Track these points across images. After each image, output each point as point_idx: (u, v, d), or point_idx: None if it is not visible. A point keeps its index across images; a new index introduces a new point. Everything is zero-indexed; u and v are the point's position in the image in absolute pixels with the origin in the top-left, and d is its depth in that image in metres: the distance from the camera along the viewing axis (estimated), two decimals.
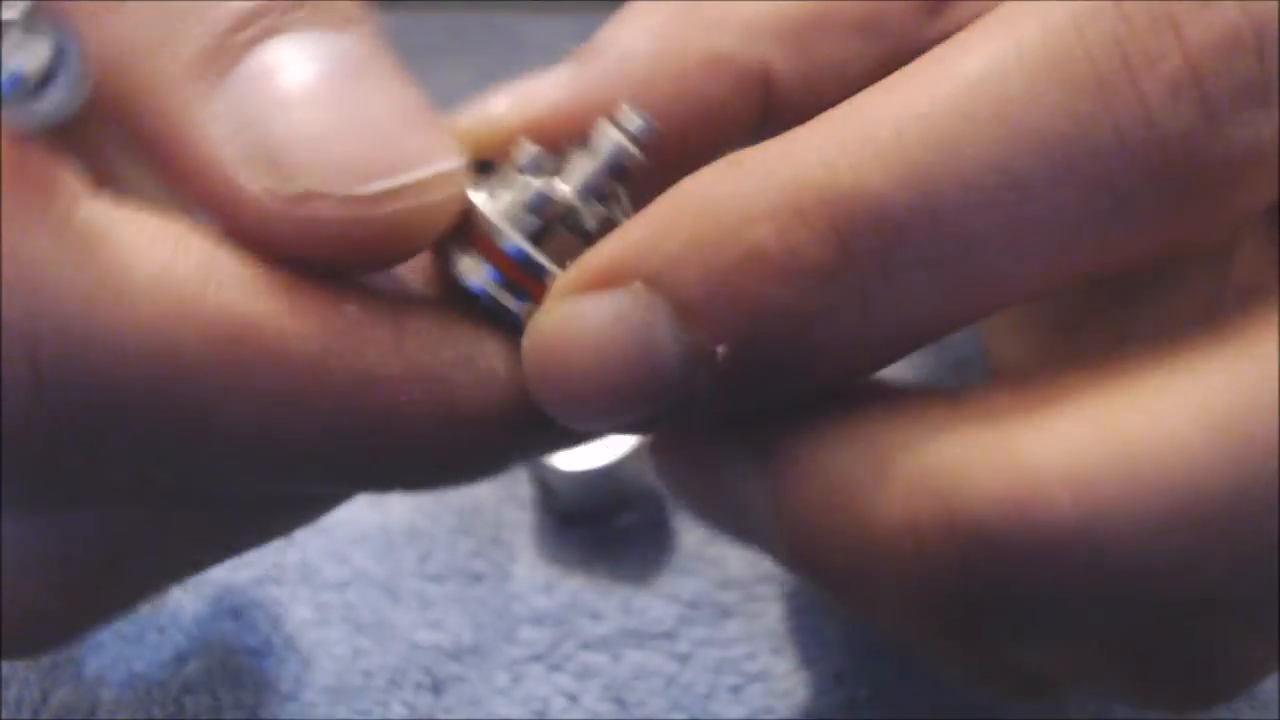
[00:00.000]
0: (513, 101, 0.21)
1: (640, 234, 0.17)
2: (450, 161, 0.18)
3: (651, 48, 0.21)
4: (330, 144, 0.17)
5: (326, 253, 0.17)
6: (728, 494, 0.19)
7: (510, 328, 0.19)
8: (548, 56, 0.22)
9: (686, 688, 0.29)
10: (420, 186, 0.17)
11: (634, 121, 0.20)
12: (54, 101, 0.16)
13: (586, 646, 0.30)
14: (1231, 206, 0.16)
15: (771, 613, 0.30)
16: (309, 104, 0.17)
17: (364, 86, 0.18)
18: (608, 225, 0.19)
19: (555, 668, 0.29)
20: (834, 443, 0.17)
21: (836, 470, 0.17)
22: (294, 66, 0.18)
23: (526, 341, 0.18)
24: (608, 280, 0.17)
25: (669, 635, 0.30)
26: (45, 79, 0.16)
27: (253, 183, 0.17)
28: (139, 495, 0.19)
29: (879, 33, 0.21)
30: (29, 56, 0.16)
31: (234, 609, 0.30)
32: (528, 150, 0.20)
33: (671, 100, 0.21)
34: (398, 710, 0.28)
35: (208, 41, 0.18)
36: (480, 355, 0.18)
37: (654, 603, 0.30)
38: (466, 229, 0.19)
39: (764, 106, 0.22)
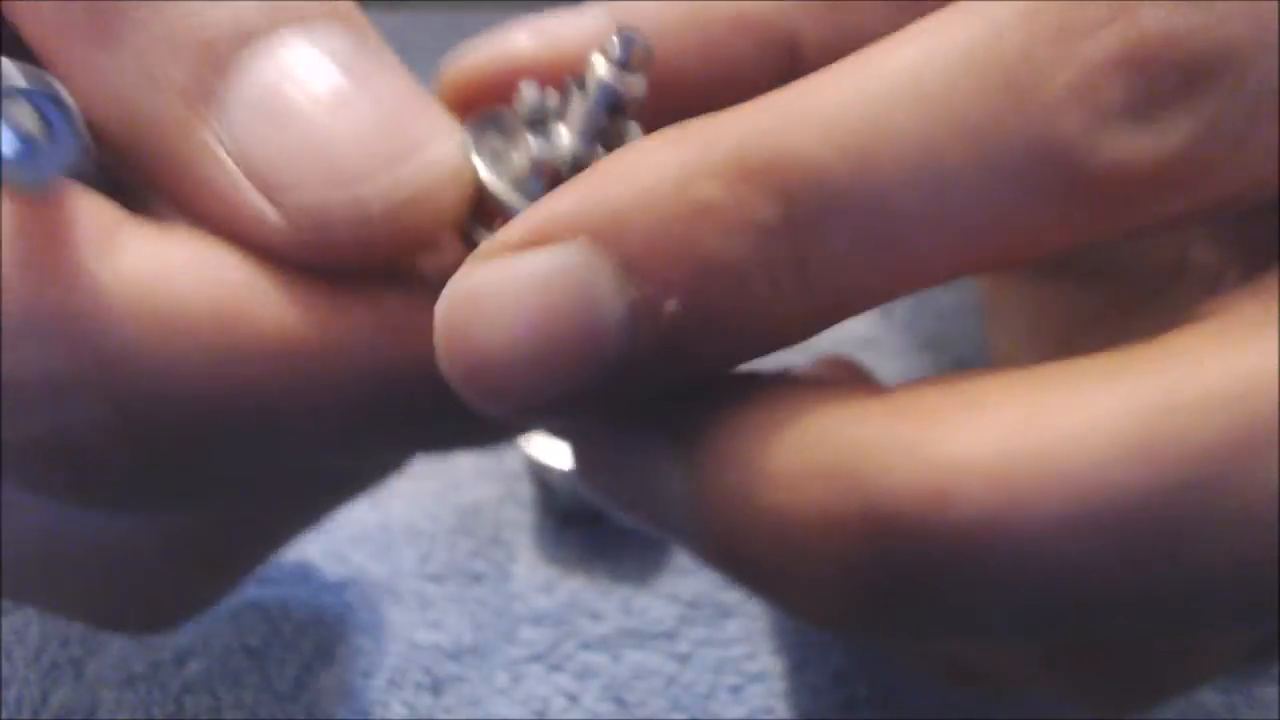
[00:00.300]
0: (534, 38, 0.21)
1: (581, 192, 0.17)
2: (449, 141, 0.18)
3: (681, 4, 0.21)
4: (328, 151, 0.17)
5: (347, 257, 0.18)
6: (641, 480, 0.19)
7: None
8: None
9: (686, 688, 0.29)
10: (422, 172, 0.18)
11: (621, 49, 0.19)
12: (55, 161, 0.17)
13: (586, 646, 0.30)
14: (1127, 214, 0.17)
15: (771, 613, 0.30)
16: (304, 114, 0.18)
17: (356, 82, 0.18)
18: None
19: (555, 668, 0.29)
20: (755, 429, 0.17)
21: (758, 456, 0.17)
22: (286, 76, 0.18)
23: (438, 308, 0.17)
24: (543, 238, 0.17)
25: (669, 635, 0.30)
26: (43, 139, 0.17)
27: (260, 202, 0.17)
28: (228, 493, 0.20)
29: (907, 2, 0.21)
30: (25, 118, 0.16)
31: (234, 609, 0.30)
32: (528, 99, 0.19)
33: (697, 56, 0.21)
34: (398, 710, 0.28)
35: (197, 64, 0.18)
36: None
37: (654, 603, 0.30)
38: (482, 205, 0.19)
39: (789, 70, 0.21)
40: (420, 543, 0.32)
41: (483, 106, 0.20)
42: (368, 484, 0.24)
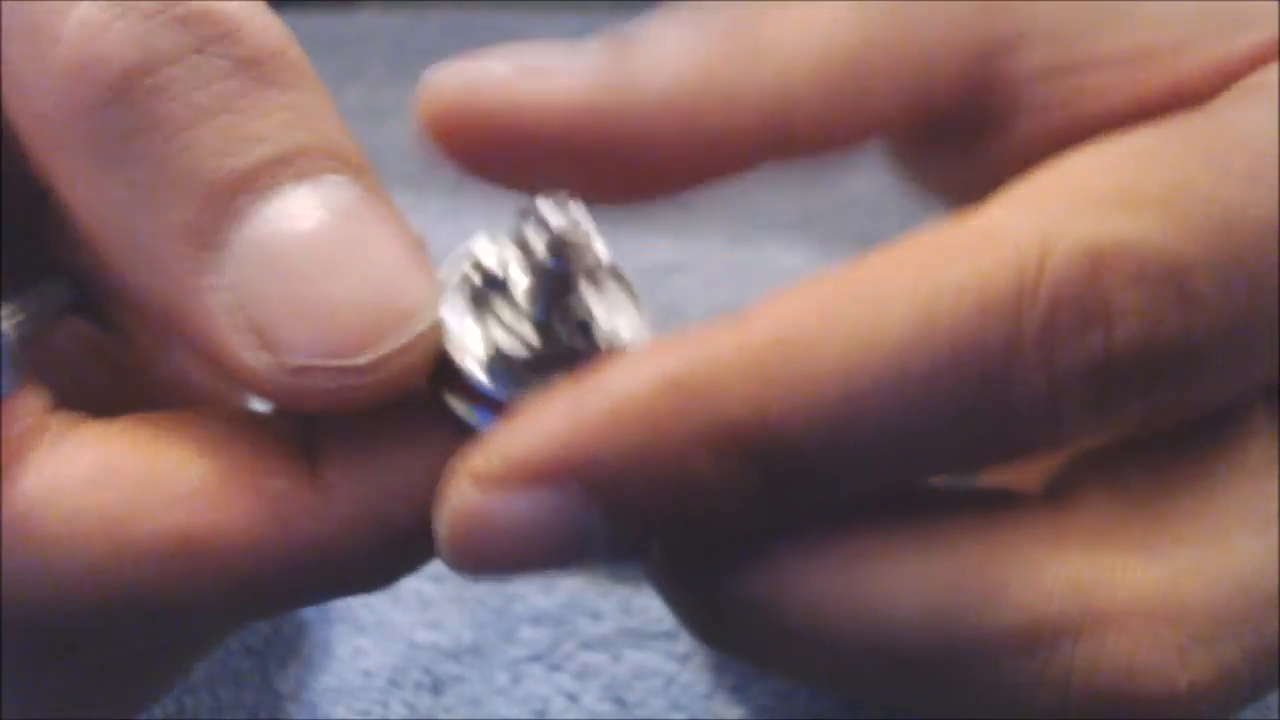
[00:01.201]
0: (519, 72, 0.21)
1: (579, 440, 0.18)
2: (432, 312, 0.19)
3: (680, 67, 0.21)
4: (326, 317, 0.18)
5: (318, 408, 0.19)
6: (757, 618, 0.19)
7: None
8: None
9: (686, 688, 0.29)
10: (408, 347, 0.18)
11: (551, 242, 0.19)
12: None
13: (586, 646, 0.30)
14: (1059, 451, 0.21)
15: None
16: (302, 273, 0.18)
17: (357, 241, 0.18)
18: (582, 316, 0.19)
19: (555, 667, 0.29)
20: (926, 554, 0.19)
21: (934, 578, 0.19)
22: (288, 229, 0.18)
23: (448, 519, 0.18)
24: (540, 476, 0.18)
25: (669, 635, 0.30)
26: None
27: (252, 357, 0.18)
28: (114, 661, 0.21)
29: (921, 82, 0.22)
30: None
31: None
32: (484, 263, 0.20)
33: (686, 126, 0.21)
34: (398, 710, 0.28)
35: (204, 209, 0.18)
36: (417, 467, 0.19)
37: (654, 603, 0.30)
38: (448, 372, 0.19)
39: (784, 144, 0.22)
40: None
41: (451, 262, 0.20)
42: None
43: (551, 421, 0.18)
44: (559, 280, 0.19)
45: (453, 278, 0.20)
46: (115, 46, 0.18)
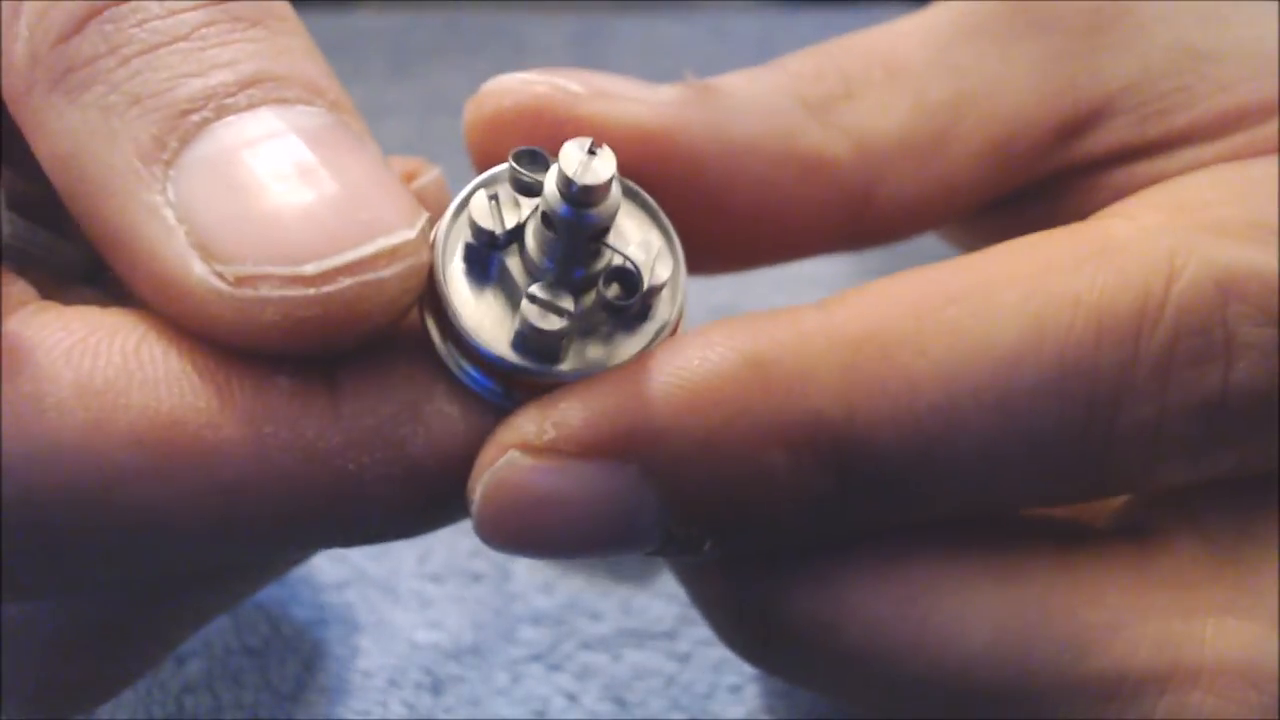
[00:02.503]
0: (593, 93, 0.20)
1: (644, 414, 0.17)
2: (405, 232, 0.17)
3: (759, 125, 0.20)
4: (273, 226, 0.17)
5: (275, 338, 0.17)
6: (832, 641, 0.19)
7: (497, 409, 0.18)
8: (548, 57, 0.22)
9: (686, 688, 0.29)
10: (373, 259, 0.17)
11: (579, 191, 0.17)
12: None
13: (586, 646, 0.30)
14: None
15: None
16: (255, 187, 0.17)
17: (323, 159, 0.17)
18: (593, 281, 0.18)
19: (555, 667, 0.29)
20: (1002, 586, 0.18)
21: (1010, 613, 0.18)
22: (246, 145, 0.17)
23: (488, 484, 0.17)
24: (598, 450, 0.17)
25: (669, 635, 0.30)
26: None
27: (198, 268, 0.17)
28: (111, 583, 0.19)
29: (1003, 160, 0.21)
30: None
31: (234, 609, 0.30)
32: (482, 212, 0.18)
33: (760, 187, 0.20)
34: (398, 710, 0.28)
35: (156, 127, 0.17)
36: (427, 401, 0.18)
37: (654, 603, 0.30)
38: (446, 323, 0.18)
39: (859, 216, 0.21)
40: (420, 542, 0.32)
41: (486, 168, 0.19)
42: (269, 577, 0.23)
43: (615, 392, 0.17)
44: (591, 230, 0.17)
45: (454, 244, 0.18)
46: None
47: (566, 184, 0.17)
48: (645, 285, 0.18)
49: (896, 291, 0.17)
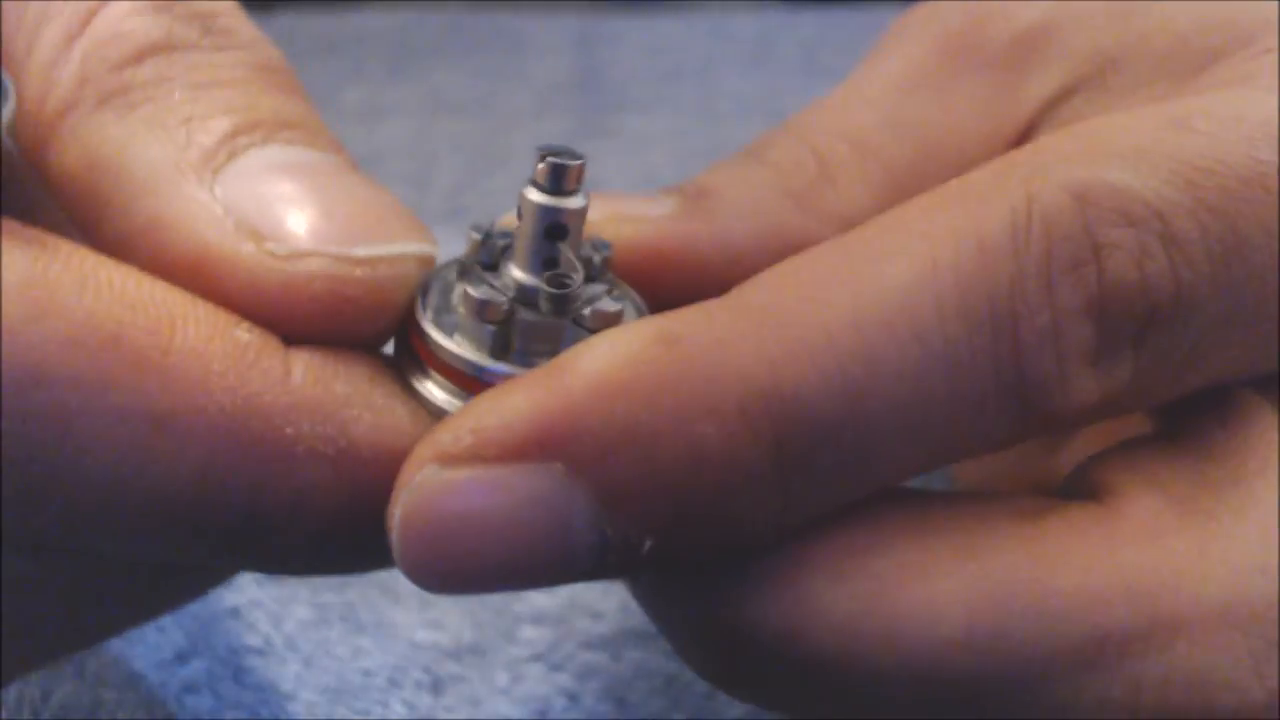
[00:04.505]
0: (610, 219, 0.22)
1: (563, 407, 0.16)
2: (427, 246, 0.19)
3: (754, 225, 0.22)
4: (323, 216, 0.18)
5: (315, 312, 0.18)
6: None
7: None
8: (548, 56, 0.22)
9: (686, 687, 0.29)
10: (403, 258, 0.18)
11: (550, 177, 0.19)
12: None
13: (587, 646, 0.30)
14: (1067, 428, 0.20)
15: None
16: (301, 191, 0.19)
17: (345, 184, 0.19)
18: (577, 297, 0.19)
19: (555, 667, 0.29)
20: (966, 562, 0.18)
21: (979, 589, 0.18)
22: (286, 165, 0.19)
23: (406, 505, 0.16)
24: (520, 453, 0.16)
25: None
26: None
27: (248, 246, 0.18)
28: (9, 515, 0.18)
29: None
30: None
31: (234, 609, 0.30)
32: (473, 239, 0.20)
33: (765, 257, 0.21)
34: (398, 710, 0.28)
35: (209, 142, 0.19)
36: (381, 395, 0.18)
37: None
38: (417, 345, 0.19)
39: None
40: None
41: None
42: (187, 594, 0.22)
43: (530, 388, 0.17)
44: (551, 229, 0.19)
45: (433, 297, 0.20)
46: (140, 27, 0.20)
47: (548, 179, 0.19)
48: (577, 284, 0.19)
49: (796, 263, 0.18)
